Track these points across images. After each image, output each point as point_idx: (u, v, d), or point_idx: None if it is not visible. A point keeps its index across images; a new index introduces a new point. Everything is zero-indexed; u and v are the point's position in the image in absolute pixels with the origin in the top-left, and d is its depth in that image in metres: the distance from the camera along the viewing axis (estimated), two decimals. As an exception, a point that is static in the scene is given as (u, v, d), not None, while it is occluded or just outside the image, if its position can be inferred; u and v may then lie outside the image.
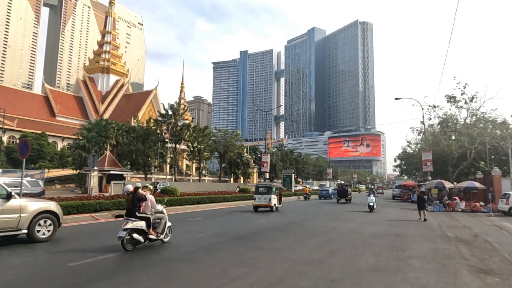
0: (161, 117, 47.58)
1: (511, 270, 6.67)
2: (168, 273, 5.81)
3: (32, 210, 8.47)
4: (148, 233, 8.00)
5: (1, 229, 7.88)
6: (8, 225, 7.98)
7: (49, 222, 8.78)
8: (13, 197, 8.24)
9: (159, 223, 8.45)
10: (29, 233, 8.31)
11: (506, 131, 32.73)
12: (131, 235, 7.60)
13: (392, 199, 42.71)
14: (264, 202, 19.93)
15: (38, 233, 8.48)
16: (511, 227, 14.71)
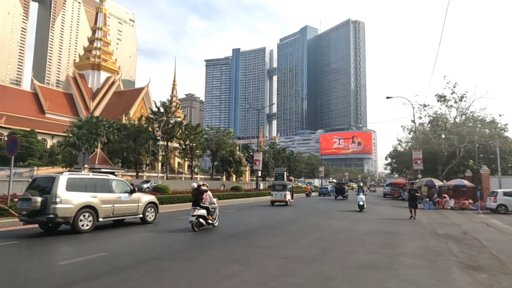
0: (153, 115, 47.25)
1: (498, 266, 6.80)
2: (161, 271, 5.79)
3: (145, 201, 12.09)
4: (208, 219, 10.78)
5: (128, 214, 11.49)
6: (132, 211, 11.58)
7: (153, 209, 12.48)
8: (135, 191, 11.74)
9: (214, 211, 11.28)
10: (142, 217, 11.98)
11: (495, 130, 33.31)
12: (198, 220, 10.36)
13: (383, 197, 43.16)
14: (280, 197, 23.86)
15: (147, 217, 12.08)
16: (499, 224, 14.99)
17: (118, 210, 10.98)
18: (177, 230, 10.66)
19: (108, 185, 11.03)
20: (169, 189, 21.79)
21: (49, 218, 9.31)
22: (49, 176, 10.44)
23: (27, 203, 9.33)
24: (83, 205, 9.82)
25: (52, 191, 9.39)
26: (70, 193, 9.65)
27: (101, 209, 10.32)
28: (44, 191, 9.49)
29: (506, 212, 20.55)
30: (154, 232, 10.56)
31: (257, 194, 31.74)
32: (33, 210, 9.24)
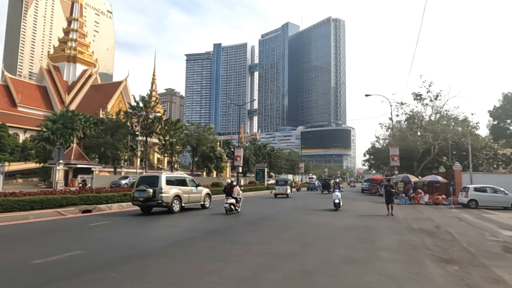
0: (131, 109, 46.23)
1: (469, 259, 7.11)
2: (140, 269, 5.70)
3: (204, 192, 17.12)
4: (236, 206, 14.89)
5: (196, 201, 16.40)
6: (198, 200, 16.52)
7: (208, 198, 17.41)
8: (199, 186, 16.97)
9: (240, 201, 15.36)
10: (202, 204, 16.85)
11: (467, 128, 34.64)
12: (230, 206, 14.38)
13: (361, 192, 44.10)
14: (282, 191, 29.39)
15: (205, 204, 16.93)
16: (470, 218, 15.64)
17: (191, 198, 16.07)
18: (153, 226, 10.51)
19: (186, 182, 16.28)
20: (148, 185, 21.44)
21: (158, 203, 14.15)
22: (153, 175, 15.90)
23: (143, 193, 14.01)
24: (175, 194, 14.77)
25: (158, 185, 14.18)
26: (168, 186, 14.56)
27: (183, 197, 15.30)
28: (151, 185, 14.13)
29: (476, 207, 21.45)
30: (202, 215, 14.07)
31: (237, 190, 31.68)
32: (147, 197, 13.96)
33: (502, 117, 40.11)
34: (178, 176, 16.97)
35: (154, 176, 15.01)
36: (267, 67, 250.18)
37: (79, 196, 15.22)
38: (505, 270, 6.16)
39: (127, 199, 17.53)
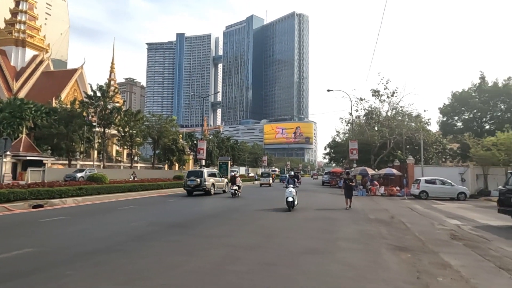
0: (88, 99, 43.93)
1: (420, 246, 7.58)
2: (97, 266, 5.45)
3: (225, 182, 24.85)
4: (238, 191, 20.42)
5: (220, 188, 24.00)
6: (222, 187, 24.34)
7: (227, 186, 23.91)
8: (222, 177, 25.84)
9: (240, 187, 21.33)
10: (224, 190, 24.26)
11: (420, 124, 36.78)
12: (235, 191, 20.03)
13: (321, 185, 45.46)
14: (266, 181, 37.81)
15: (225, 189, 24.22)
16: (420, 208, 16.69)
17: (219, 186, 23.78)
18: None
19: (216, 174, 24.54)
20: (106, 179, 20.59)
21: (203, 189, 21.31)
22: (198, 170, 23.32)
23: (194, 182, 20.99)
24: (212, 183, 22.12)
25: (203, 176, 21.29)
26: (208, 177, 21.78)
27: (215, 185, 22.82)
28: (198, 177, 21.22)
29: (426, 198, 22.95)
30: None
31: (200, 183, 31.45)
32: (196, 185, 20.95)
33: (451, 114, 42.98)
34: (212, 170, 26.03)
35: (199, 171, 22.43)
36: (231, 59, 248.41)
37: (28, 191, 14.26)
38: (451, 256, 6.65)
39: (83, 193, 16.72)
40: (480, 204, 19.85)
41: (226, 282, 4.76)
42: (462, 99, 41.12)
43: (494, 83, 39.92)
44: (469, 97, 40.72)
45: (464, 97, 41.01)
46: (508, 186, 11.30)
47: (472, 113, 41.11)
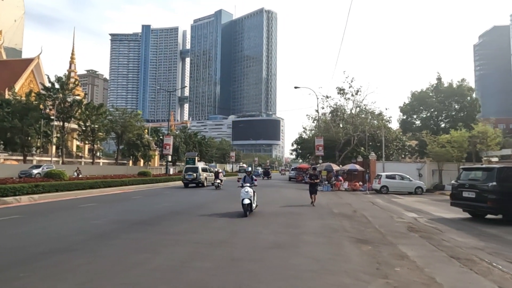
0: (45, 91, 41.48)
1: (380, 239, 7.93)
2: (55, 266, 5.19)
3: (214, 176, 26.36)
4: (220, 184, 24.69)
5: (210, 181, 27.62)
6: (211, 181, 27.06)
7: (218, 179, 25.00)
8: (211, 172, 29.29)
9: (222, 181, 25.87)
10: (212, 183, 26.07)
11: (382, 122, 38.34)
12: (218, 184, 24.44)
13: (288, 180, 46.17)
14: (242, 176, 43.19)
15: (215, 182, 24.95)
16: (381, 202, 17.44)
17: (210, 179, 27.66)
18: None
19: (207, 169, 29.81)
20: (65, 175, 19.57)
21: (198, 182, 26.28)
22: (194, 166, 28.70)
23: (191, 176, 25.90)
24: (205, 177, 26.81)
25: (198, 171, 26.29)
26: (202, 172, 26.82)
27: (207, 179, 27.26)
28: (194, 171, 26.28)
29: (387, 192, 24.02)
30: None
31: (166, 179, 30.79)
32: (193, 178, 25.84)
33: (410, 112, 45.19)
34: (205, 166, 31.65)
35: (195, 167, 27.65)
36: (199, 54, 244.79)
37: (-22, 188, 13.26)
38: (409, 247, 7.02)
39: (40, 191, 15.81)
40: (435, 198, 21.09)
41: (190, 279, 4.71)
42: (421, 99, 43.34)
43: (449, 84, 42.41)
44: (427, 96, 42.99)
45: (422, 97, 43.24)
46: (460, 181, 12.08)
47: (430, 112, 43.46)
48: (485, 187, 10.66)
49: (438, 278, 4.97)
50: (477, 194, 10.92)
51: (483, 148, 29.20)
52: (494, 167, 11.21)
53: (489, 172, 11.03)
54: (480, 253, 6.63)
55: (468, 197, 11.32)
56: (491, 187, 10.44)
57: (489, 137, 28.47)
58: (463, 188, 11.60)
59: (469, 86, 41.98)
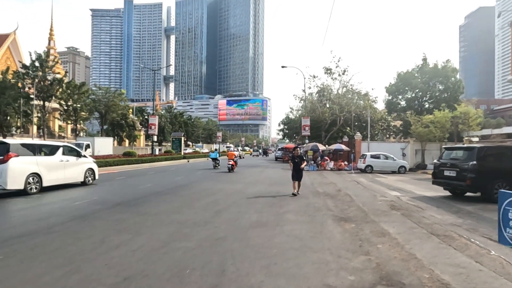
0: (23, 69, 39.85)
1: (362, 217, 8.06)
2: (33, 249, 5.08)
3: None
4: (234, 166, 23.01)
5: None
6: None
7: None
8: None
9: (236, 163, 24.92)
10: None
11: (368, 102, 38.55)
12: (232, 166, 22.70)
13: (275, 160, 46.45)
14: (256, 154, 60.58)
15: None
16: (365, 182, 17.74)
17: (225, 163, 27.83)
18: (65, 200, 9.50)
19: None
20: (46, 156, 19.09)
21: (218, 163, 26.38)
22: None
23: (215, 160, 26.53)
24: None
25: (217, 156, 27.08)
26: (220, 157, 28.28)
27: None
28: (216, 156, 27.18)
29: (371, 172, 24.44)
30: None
31: (152, 160, 30.53)
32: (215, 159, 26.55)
33: (395, 93, 45.50)
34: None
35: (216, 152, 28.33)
36: (184, 31, 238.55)
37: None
38: (390, 225, 7.16)
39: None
40: (417, 177, 21.59)
41: (173, 259, 4.69)
42: (406, 79, 43.59)
43: (434, 64, 42.68)
44: (412, 77, 43.26)
45: (408, 77, 43.49)
46: (442, 160, 12.33)
47: (414, 92, 43.85)
48: (465, 166, 10.91)
49: (418, 254, 5.09)
50: (458, 172, 11.18)
51: (465, 128, 29.82)
52: (474, 146, 11.43)
53: (470, 151, 11.25)
54: (458, 230, 6.83)
55: (449, 175, 11.59)
56: (471, 166, 10.68)
57: (471, 117, 29.03)
58: (445, 167, 11.85)
59: (454, 67, 42.34)
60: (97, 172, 14.38)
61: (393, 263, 4.68)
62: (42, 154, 11.60)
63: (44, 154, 11.71)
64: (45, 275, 4.04)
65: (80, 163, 13.29)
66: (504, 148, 11.77)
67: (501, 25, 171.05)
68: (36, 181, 10.94)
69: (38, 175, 11.00)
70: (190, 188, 13.32)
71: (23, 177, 10.46)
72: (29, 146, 11.32)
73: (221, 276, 4.09)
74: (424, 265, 4.61)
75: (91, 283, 3.84)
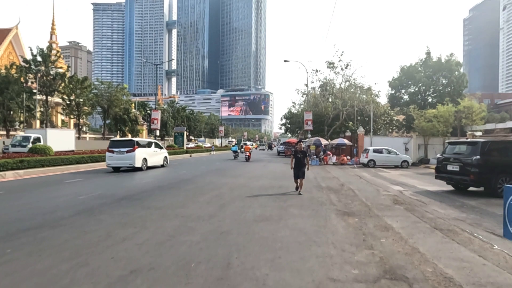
0: (26, 63, 39.94)
1: (366, 211, 8.09)
2: (41, 242, 5.15)
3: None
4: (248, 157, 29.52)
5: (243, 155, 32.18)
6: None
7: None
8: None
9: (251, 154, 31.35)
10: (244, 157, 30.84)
11: (370, 96, 38.41)
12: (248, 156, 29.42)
13: (277, 155, 46.47)
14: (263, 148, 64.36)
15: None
16: (368, 176, 17.75)
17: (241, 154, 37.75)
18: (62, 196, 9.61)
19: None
20: (50, 150, 19.25)
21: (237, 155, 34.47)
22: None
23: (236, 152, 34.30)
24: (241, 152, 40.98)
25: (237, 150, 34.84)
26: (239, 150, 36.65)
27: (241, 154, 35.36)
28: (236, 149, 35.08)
29: (374, 166, 24.44)
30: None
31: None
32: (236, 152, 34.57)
33: (398, 87, 45.30)
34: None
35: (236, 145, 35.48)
36: (186, 26, 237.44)
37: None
38: (393, 219, 7.19)
39: (25, 166, 15.54)
40: (420, 171, 21.57)
41: (179, 252, 4.74)
42: (409, 73, 43.35)
43: (438, 58, 42.39)
44: (416, 71, 43.00)
45: (411, 72, 43.23)
46: (445, 155, 12.31)
47: (418, 86, 43.64)
48: (469, 161, 10.89)
49: (421, 248, 5.12)
50: (461, 167, 11.17)
51: (468, 122, 29.70)
52: (478, 141, 11.39)
53: (473, 146, 11.22)
54: (461, 224, 6.85)
55: (452, 170, 11.58)
56: (474, 161, 10.67)
57: (474, 112, 28.90)
58: (448, 161, 11.83)
59: (457, 61, 42.04)
60: (169, 158, 23.07)
61: (396, 257, 4.71)
62: (146, 147, 19.26)
63: (146, 147, 19.23)
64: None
65: (161, 153, 21.07)
66: (508, 143, 11.72)
67: (506, 18, 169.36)
68: (145, 162, 18.59)
69: (145, 159, 18.69)
70: (194, 182, 13.38)
71: (141, 160, 18.12)
72: (140, 141, 18.93)
73: (226, 269, 4.13)
74: (428, 259, 4.64)
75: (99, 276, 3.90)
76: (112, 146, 17.82)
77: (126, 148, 17.53)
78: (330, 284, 3.76)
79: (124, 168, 18.17)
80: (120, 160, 17.46)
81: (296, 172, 10.87)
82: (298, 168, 10.83)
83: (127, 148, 17.57)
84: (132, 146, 17.62)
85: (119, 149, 17.47)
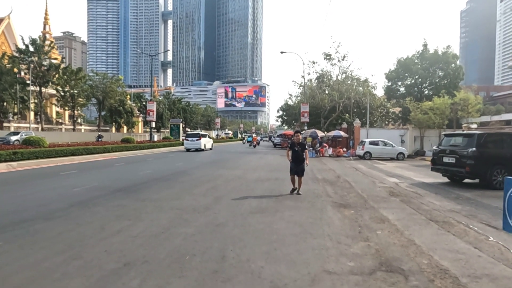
0: (19, 54, 39.32)
1: (362, 203, 8.09)
2: (34, 234, 5.08)
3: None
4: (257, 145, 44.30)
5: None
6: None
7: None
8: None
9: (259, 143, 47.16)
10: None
11: (367, 88, 38.36)
12: (255, 145, 41.78)
13: (273, 147, 46.48)
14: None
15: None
16: (364, 168, 17.79)
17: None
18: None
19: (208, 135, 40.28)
20: (44, 142, 19.04)
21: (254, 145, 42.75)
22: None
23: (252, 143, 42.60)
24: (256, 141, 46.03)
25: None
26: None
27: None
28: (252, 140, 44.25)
29: (370, 158, 24.50)
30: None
31: (150, 146, 30.45)
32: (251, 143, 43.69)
33: (395, 79, 45.22)
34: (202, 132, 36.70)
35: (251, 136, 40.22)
36: (182, 16, 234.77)
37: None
38: (389, 211, 7.20)
39: (18, 158, 15.40)
40: (416, 163, 21.66)
41: (173, 245, 4.69)
42: (406, 65, 43.25)
43: (435, 50, 42.29)
44: (412, 63, 42.91)
45: (408, 64, 43.13)
46: (441, 147, 12.32)
47: (414, 78, 43.59)
48: (464, 153, 10.91)
49: (417, 240, 5.11)
50: (457, 159, 11.19)
51: (464, 115, 29.78)
52: (474, 133, 11.40)
53: (469, 138, 11.23)
54: (457, 216, 6.87)
55: (448, 162, 11.61)
56: (470, 153, 10.68)
57: (470, 104, 28.96)
58: (444, 153, 11.85)
59: (454, 53, 41.97)
60: (213, 144, 34.34)
61: (392, 249, 4.70)
62: (205, 137, 31.59)
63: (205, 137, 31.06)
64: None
65: (210, 141, 33.07)
66: (504, 135, 11.75)
67: (503, 10, 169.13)
68: (204, 146, 30.78)
69: (205, 144, 30.60)
70: (189, 174, 13.32)
71: (203, 144, 30.31)
72: (202, 134, 31.17)
73: (221, 262, 4.10)
74: (423, 251, 4.64)
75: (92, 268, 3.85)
76: (188, 136, 30.73)
77: (196, 138, 30.16)
78: (325, 276, 3.74)
79: (193, 150, 30.11)
80: (192, 145, 29.93)
81: (294, 168, 9.13)
82: (296, 163, 9.13)
83: (196, 138, 30.20)
84: (198, 137, 30.28)
85: (192, 139, 30.06)
